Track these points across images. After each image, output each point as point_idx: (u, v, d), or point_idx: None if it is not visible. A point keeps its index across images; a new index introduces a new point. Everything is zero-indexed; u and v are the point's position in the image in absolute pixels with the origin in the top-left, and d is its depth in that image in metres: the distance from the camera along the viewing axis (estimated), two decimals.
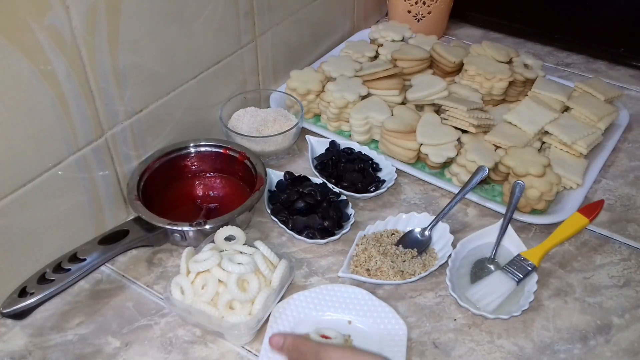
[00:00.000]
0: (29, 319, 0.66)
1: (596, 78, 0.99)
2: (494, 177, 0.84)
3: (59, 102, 0.65)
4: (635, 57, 1.13)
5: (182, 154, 0.83)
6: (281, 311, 0.67)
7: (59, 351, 0.65)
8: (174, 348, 0.65)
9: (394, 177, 0.84)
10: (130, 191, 0.76)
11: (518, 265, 0.70)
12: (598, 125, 0.89)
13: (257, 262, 0.66)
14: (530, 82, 0.98)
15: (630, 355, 0.65)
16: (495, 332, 0.67)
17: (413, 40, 1.07)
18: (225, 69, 0.89)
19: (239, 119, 0.92)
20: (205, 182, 0.85)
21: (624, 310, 0.69)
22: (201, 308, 0.64)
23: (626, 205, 0.84)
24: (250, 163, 0.81)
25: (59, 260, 0.65)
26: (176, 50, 0.79)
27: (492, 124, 0.89)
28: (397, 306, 0.69)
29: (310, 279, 0.73)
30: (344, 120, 0.93)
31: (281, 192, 0.81)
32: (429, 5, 1.15)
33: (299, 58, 1.07)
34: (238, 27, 0.88)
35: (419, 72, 0.99)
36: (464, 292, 0.70)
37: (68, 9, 0.62)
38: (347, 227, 0.77)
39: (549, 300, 0.71)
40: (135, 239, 0.70)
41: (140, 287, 0.72)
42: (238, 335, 0.64)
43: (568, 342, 0.66)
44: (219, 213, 0.78)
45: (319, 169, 0.85)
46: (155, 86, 0.78)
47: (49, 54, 0.62)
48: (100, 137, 0.72)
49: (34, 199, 0.66)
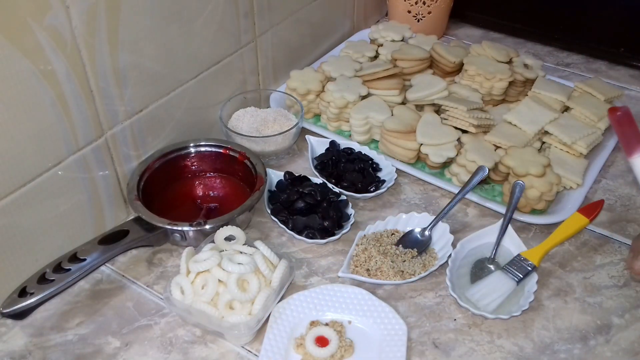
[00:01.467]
0: (29, 319, 0.66)
1: (596, 78, 0.99)
2: (494, 177, 0.84)
3: (59, 102, 0.65)
4: (635, 57, 1.13)
5: (182, 154, 0.83)
6: (281, 311, 0.67)
7: (59, 351, 0.65)
8: (174, 348, 0.65)
9: (394, 177, 0.84)
10: (130, 191, 0.76)
11: (518, 265, 0.70)
12: (598, 125, 0.89)
13: (257, 262, 0.66)
14: (530, 82, 0.98)
15: (630, 355, 0.65)
16: (495, 332, 0.67)
17: (413, 40, 1.07)
18: (225, 69, 0.89)
19: (239, 119, 0.92)
20: (205, 182, 0.85)
21: (624, 310, 0.69)
22: (201, 308, 0.64)
23: (626, 205, 0.84)
24: (250, 163, 0.81)
25: (59, 260, 0.65)
26: (176, 50, 0.79)
27: (492, 124, 0.89)
28: (397, 306, 0.69)
29: (310, 279, 0.73)
30: (344, 120, 0.93)
31: (281, 192, 0.81)
32: (429, 5, 1.15)
33: (299, 58, 1.07)
34: (238, 27, 0.88)
35: (419, 72, 0.99)
36: (464, 292, 0.70)
37: (68, 9, 0.62)
38: (347, 227, 0.77)
39: (549, 300, 0.71)
40: (135, 239, 0.70)
41: (140, 287, 0.72)
42: (238, 335, 0.64)
43: (568, 342, 0.66)
44: (219, 213, 0.78)
45: (319, 169, 0.85)
46: (155, 86, 0.78)
47: (49, 54, 0.62)
48: (100, 137, 0.72)
49: (34, 199, 0.66)
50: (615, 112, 0.47)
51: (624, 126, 0.47)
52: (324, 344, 0.63)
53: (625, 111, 0.47)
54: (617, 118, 0.47)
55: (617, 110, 0.47)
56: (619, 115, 0.47)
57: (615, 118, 0.47)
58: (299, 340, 0.64)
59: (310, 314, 0.67)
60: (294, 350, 0.64)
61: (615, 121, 0.47)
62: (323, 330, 0.64)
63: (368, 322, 0.66)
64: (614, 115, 0.47)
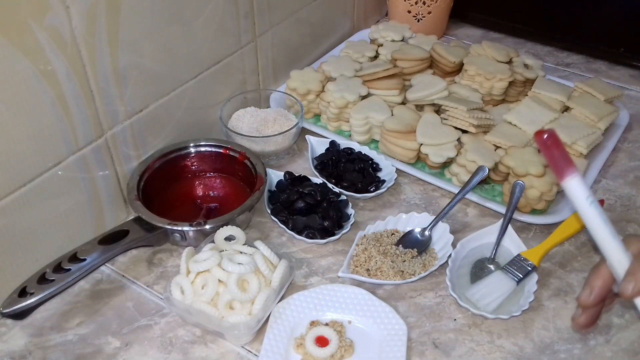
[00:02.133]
0: (29, 319, 0.66)
1: (596, 78, 0.99)
2: (494, 177, 0.84)
3: (59, 102, 0.65)
4: (635, 57, 1.13)
5: (182, 154, 0.83)
6: (281, 311, 0.67)
7: (59, 351, 0.65)
8: (174, 348, 0.65)
9: (394, 177, 0.84)
10: (130, 191, 0.76)
11: (518, 265, 0.70)
12: (598, 125, 0.89)
13: (257, 262, 0.66)
14: (530, 82, 0.98)
15: (630, 355, 0.65)
16: (495, 332, 0.67)
17: (413, 40, 1.07)
18: (225, 69, 0.89)
19: (239, 119, 0.92)
20: (205, 182, 0.85)
21: (624, 310, 0.69)
22: (201, 308, 0.64)
23: (626, 205, 0.84)
24: (250, 163, 0.81)
25: (59, 260, 0.65)
26: (176, 50, 0.79)
27: (492, 124, 0.89)
28: (397, 306, 0.69)
29: (310, 279, 0.73)
30: (344, 120, 0.93)
31: (281, 192, 0.81)
32: (429, 5, 1.15)
33: (299, 58, 1.07)
34: (238, 27, 0.88)
35: (419, 72, 0.99)
36: (464, 292, 0.70)
37: (68, 9, 0.62)
38: (347, 227, 0.77)
39: (549, 300, 0.71)
40: (135, 239, 0.70)
41: (140, 287, 0.72)
42: (238, 335, 0.64)
43: (568, 342, 0.66)
44: (219, 213, 0.78)
45: (319, 169, 0.85)
46: (155, 86, 0.78)
47: (49, 54, 0.62)
48: (100, 137, 0.72)
49: (34, 199, 0.66)
50: (541, 135, 0.46)
51: (551, 149, 0.47)
52: (324, 344, 0.63)
53: (551, 134, 0.46)
54: (543, 141, 0.46)
55: (543, 133, 0.46)
56: (545, 139, 0.46)
57: (542, 141, 0.46)
58: (299, 340, 0.64)
59: (310, 314, 0.67)
60: (294, 350, 0.64)
61: (542, 144, 0.46)
62: (323, 330, 0.64)
63: (368, 322, 0.66)
64: (541, 139, 0.46)
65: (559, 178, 0.48)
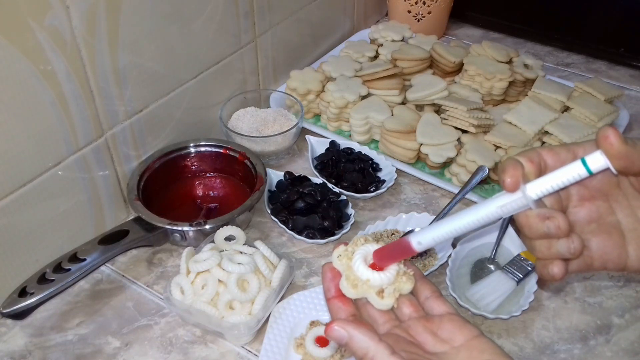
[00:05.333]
0: (29, 319, 0.66)
1: (596, 78, 0.99)
2: (494, 177, 0.84)
3: (59, 102, 0.65)
4: (635, 57, 1.13)
5: (182, 154, 0.83)
6: (281, 311, 0.67)
7: (59, 351, 0.65)
8: (174, 348, 0.65)
9: (394, 177, 0.84)
10: (130, 191, 0.76)
11: (518, 265, 0.70)
12: (598, 125, 0.89)
13: (257, 262, 0.66)
14: (530, 82, 0.98)
15: (630, 355, 0.65)
16: (495, 332, 0.67)
17: (413, 40, 1.07)
18: (225, 69, 0.89)
19: (239, 119, 0.92)
20: (205, 182, 0.85)
21: (624, 310, 0.69)
22: (201, 308, 0.64)
23: None
24: (250, 163, 0.81)
25: (59, 260, 0.65)
26: (176, 50, 0.79)
27: (492, 124, 0.89)
28: None
29: (310, 279, 0.73)
30: (344, 120, 0.93)
31: (281, 192, 0.81)
32: (429, 5, 1.15)
33: (299, 58, 1.07)
34: (238, 27, 0.88)
35: (419, 72, 0.99)
36: (464, 292, 0.70)
37: (68, 9, 0.62)
38: (347, 227, 0.77)
39: (549, 300, 0.71)
40: (135, 239, 0.70)
41: (140, 287, 0.72)
42: (238, 335, 0.64)
43: (568, 342, 0.66)
44: (219, 213, 0.78)
45: (319, 169, 0.85)
46: (155, 86, 0.78)
47: (49, 54, 0.62)
48: (100, 137, 0.72)
49: (34, 199, 0.66)
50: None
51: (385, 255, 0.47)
52: (324, 344, 0.63)
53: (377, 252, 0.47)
54: (376, 254, 0.47)
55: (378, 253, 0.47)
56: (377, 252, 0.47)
57: (376, 255, 0.47)
58: (299, 340, 0.64)
59: (310, 314, 0.67)
60: (294, 350, 0.64)
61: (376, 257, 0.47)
62: (323, 330, 0.64)
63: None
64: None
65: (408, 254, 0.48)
